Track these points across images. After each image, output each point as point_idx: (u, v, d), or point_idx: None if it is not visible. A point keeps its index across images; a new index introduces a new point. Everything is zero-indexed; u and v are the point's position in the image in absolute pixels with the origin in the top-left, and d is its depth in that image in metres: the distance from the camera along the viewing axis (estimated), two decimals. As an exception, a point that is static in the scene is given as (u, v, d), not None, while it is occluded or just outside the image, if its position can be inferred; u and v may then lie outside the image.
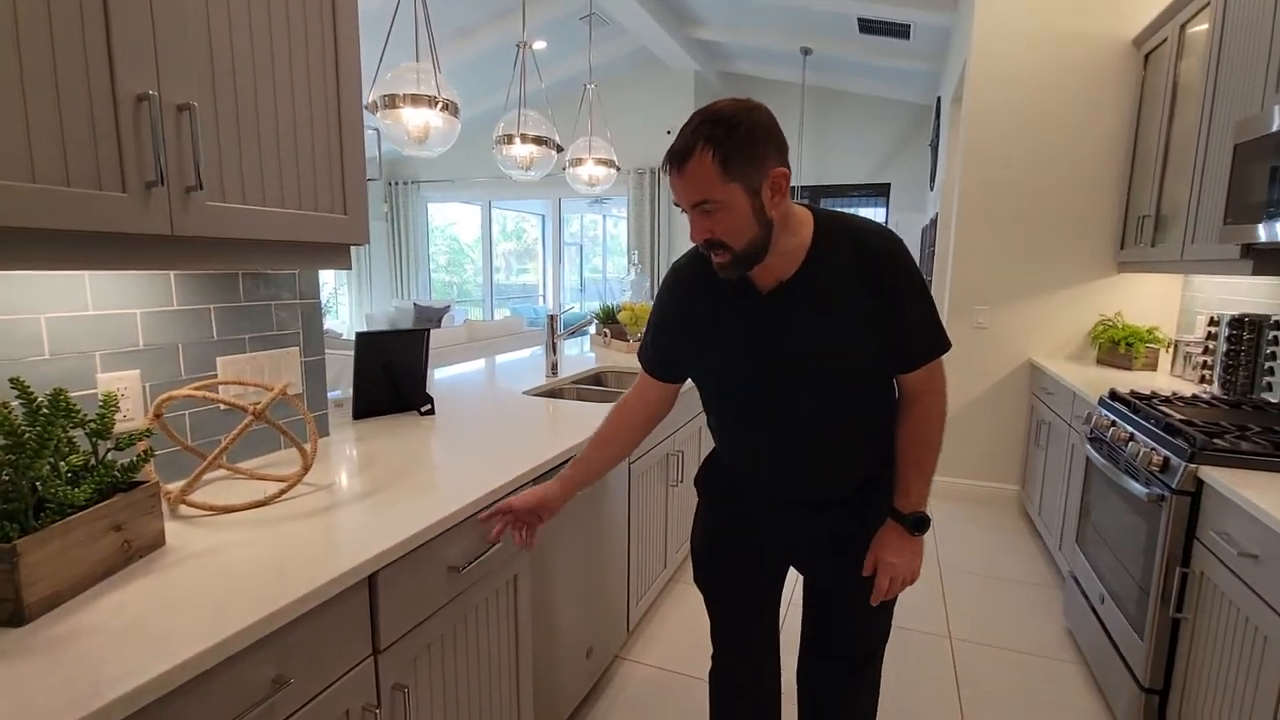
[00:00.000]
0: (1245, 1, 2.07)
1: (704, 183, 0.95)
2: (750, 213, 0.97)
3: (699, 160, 0.94)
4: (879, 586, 1.16)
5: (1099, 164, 3.17)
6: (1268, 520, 1.22)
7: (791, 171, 0.98)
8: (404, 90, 2.06)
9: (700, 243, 1.01)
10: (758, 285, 1.08)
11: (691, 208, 0.98)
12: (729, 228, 0.97)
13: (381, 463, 1.42)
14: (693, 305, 1.14)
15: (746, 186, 0.95)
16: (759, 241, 0.99)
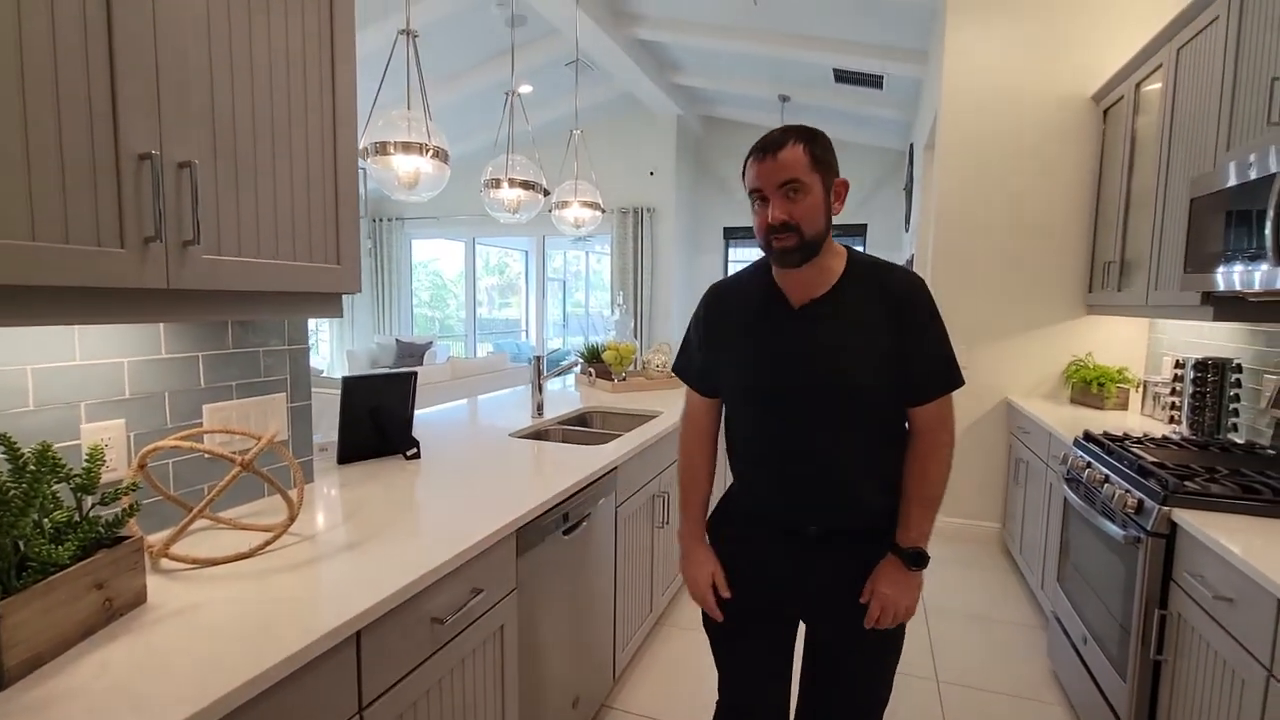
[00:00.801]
0: (1195, 65, 2.21)
1: (795, 166, 1.06)
2: (822, 205, 1.09)
3: (792, 149, 1.07)
4: (870, 614, 1.18)
5: (1066, 211, 3.30)
6: (1238, 564, 1.26)
7: (848, 184, 1.13)
8: (395, 138, 2.11)
9: (778, 223, 1.08)
10: (790, 299, 1.17)
11: (777, 188, 1.07)
12: (805, 211, 1.07)
13: (367, 510, 1.40)
14: (730, 315, 1.24)
15: (824, 181, 1.09)
16: (821, 236, 1.10)
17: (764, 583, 1.26)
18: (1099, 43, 3.19)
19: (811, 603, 1.25)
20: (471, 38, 5.13)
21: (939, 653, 2.39)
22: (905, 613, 1.19)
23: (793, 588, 1.24)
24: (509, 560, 1.38)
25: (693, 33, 5.01)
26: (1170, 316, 2.34)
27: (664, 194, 7.07)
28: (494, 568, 1.32)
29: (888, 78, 4.99)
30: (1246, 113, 1.87)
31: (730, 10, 4.52)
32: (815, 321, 1.14)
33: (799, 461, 1.18)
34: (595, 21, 4.66)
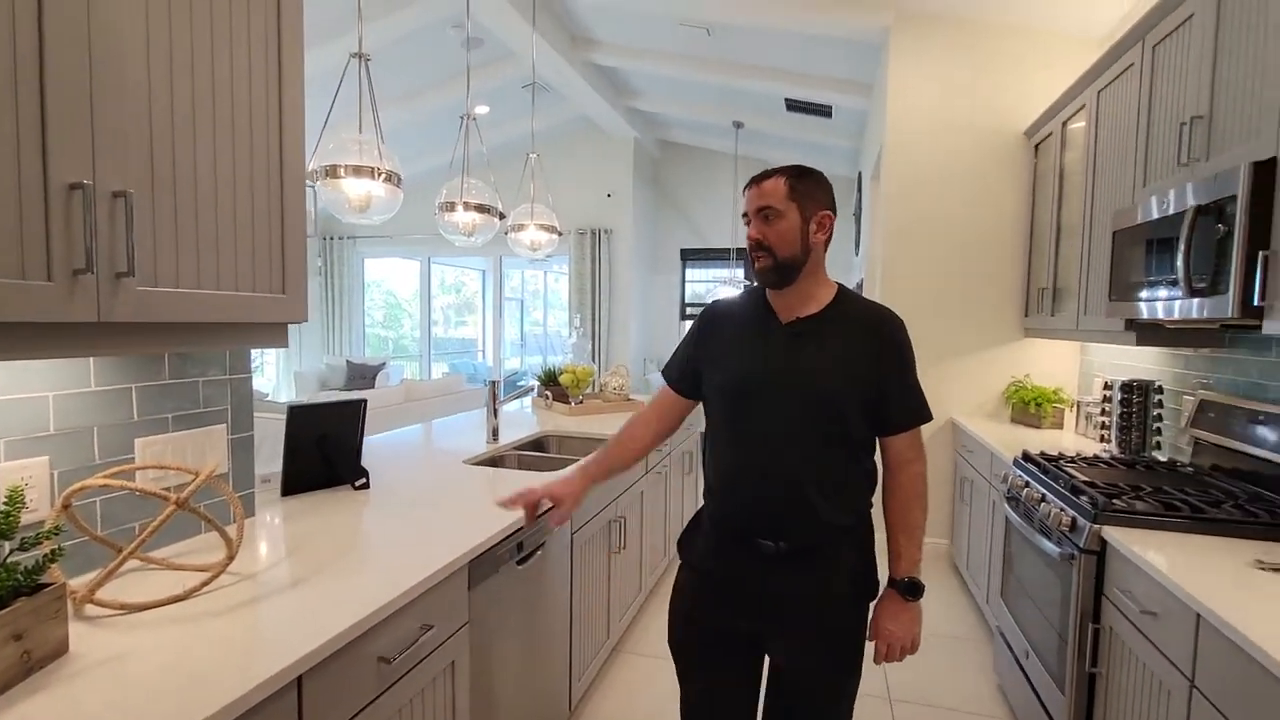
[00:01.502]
0: (1113, 107, 2.38)
1: (773, 195, 1.20)
2: (797, 232, 1.20)
3: (774, 181, 1.21)
4: (878, 652, 1.27)
5: (1003, 239, 3.47)
6: (1161, 579, 1.33)
7: (835, 214, 1.26)
8: (346, 161, 2.08)
9: (752, 242, 1.23)
10: (779, 316, 1.27)
11: (756, 212, 1.22)
12: (778, 235, 1.20)
13: (312, 545, 1.36)
14: (725, 325, 1.34)
15: (801, 212, 1.21)
16: (796, 259, 1.21)
17: (729, 600, 1.28)
18: (1029, 82, 3.39)
19: (773, 620, 1.27)
20: (428, 58, 5.12)
21: (891, 670, 2.43)
22: (912, 646, 1.26)
23: (756, 605, 1.26)
24: (460, 593, 1.36)
25: (648, 60, 5.11)
26: (1098, 340, 2.48)
27: (622, 216, 7.13)
28: (445, 602, 1.30)
29: (836, 108, 5.18)
30: (1159, 153, 2.02)
31: (685, 40, 4.63)
32: (800, 337, 1.24)
33: (770, 474, 1.22)
34: (552, 46, 4.71)
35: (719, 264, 7.65)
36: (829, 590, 1.24)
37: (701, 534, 1.36)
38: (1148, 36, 2.11)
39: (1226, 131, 1.67)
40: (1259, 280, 1.46)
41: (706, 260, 7.76)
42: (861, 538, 1.29)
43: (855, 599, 1.27)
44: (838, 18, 3.64)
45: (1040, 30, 3.34)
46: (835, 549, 1.25)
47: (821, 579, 1.24)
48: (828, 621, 1.25)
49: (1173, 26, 1.96)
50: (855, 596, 1.27)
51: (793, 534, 1.23)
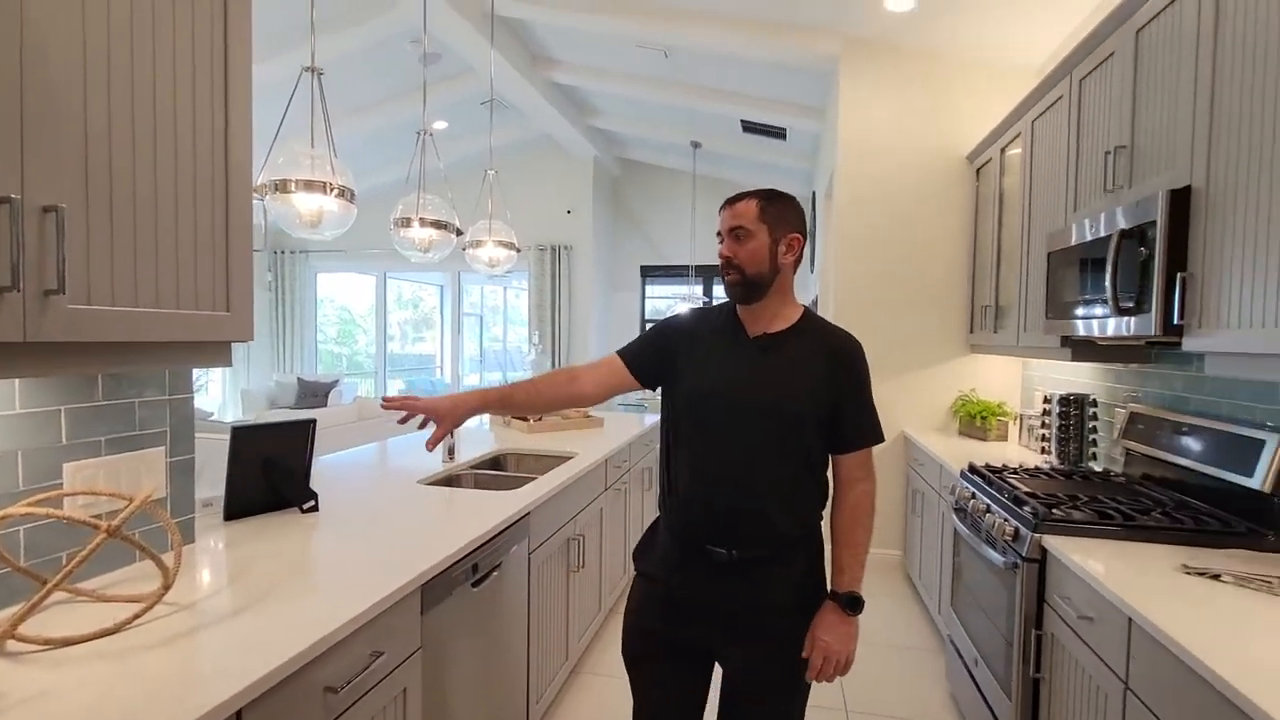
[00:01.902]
0: (1047, 136, 2.51)
1: (744, 216, 1.26)
2: (766, 252, 1.26)
3: (747, 203, 1.27)
4: (813, 664, 1.26)
5: (948, 258, 3.61)
6: (1096, 585, 1.39)
7: (805, 242, 1.31)
8: (297, 175, 2.03)
9: (723, 259, 1.28)
10: (748, 330, 1.32)
11: (729, 231, 1.27)
12: (748, 254, 1.26)
13: (256, 571, 1.31)
14: (695, 332, 1.37)
15: (771, 233, 1.26)
16: (765, 278, 1.27)
17: (682, 609, 1.30)
18: (971, 109, 3.55)
19: (723, 629, 1.29)
20: (385, 71, 5.07)
21: (847, 682, 2.47)
22: (846, 663, 1.27)
23: (708, 614, 1.28)
24: (413, 618, 1.32)
25: (608, 80, 5.17)
26: (1037, 356, 2.59)
27: (581, 232, 7.16)
28: (396, 627, 1.26)
29: (791, 130, 5.33)
30: (1088, 179, 2.14)
31: (643, 61, 4.71)
32: (765, 350, 1.29)
33: (727, 482, 1.26)
34: (511, 64, 4.72)
35: (678, 280, 7.73)
36: (778, 600, 1.27)
37: (657, 543, 1.38)
38: (1075, 71, 2.24)
39: (1146, 161, 1.79)
40: (1178, 300, 1.56)
41: (666, 277, 7.83)
42: (812, 550, 1.32)
43: (803, 610, 1.30)
44: (789, 45, 3.76)
45: (980, 61, 3.51)
46: (786, 560, 1.28)
47: (771, 589, 1.27)
48: (776, 631, 1.28)
49: (1096, 63, 2.09)
50: (803, 607, 1.30)
51: (745, 543, 1.26)
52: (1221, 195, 1.46)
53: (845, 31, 3.62)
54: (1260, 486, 1.57)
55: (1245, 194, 1.39)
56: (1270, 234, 1.31)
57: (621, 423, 3.50)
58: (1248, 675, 0.98)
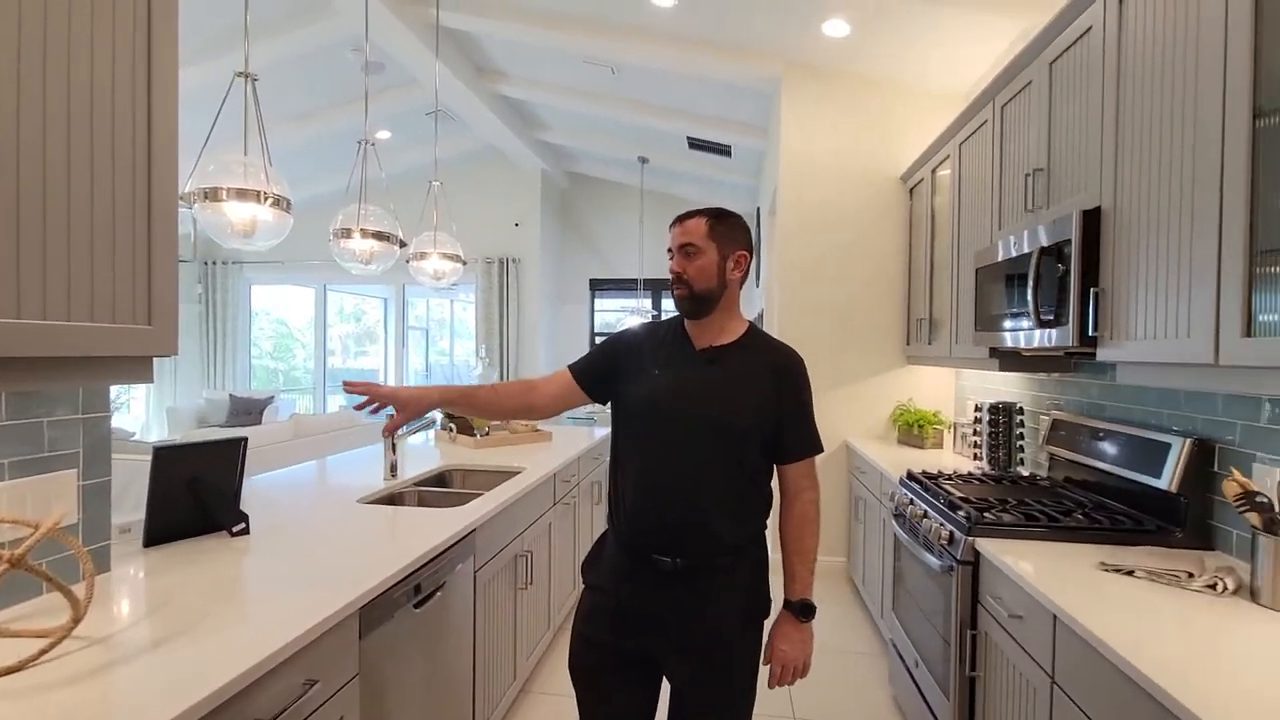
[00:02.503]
0: (973, 158, 2.65)
1: (694, 233, 1.30)
2: (714, 268, 1.30)
3: (696, 221, 1.31)
4: (773, 673, 1.33)
5: (885, 273, 3.76)
6: (1024, 584, 1.46)
7: (753, 259, 1.36)
8: (229, 183, 1.95)
9: (673, 274, 1.32)
10: (694, 345, 1.35)
11: (679, 248, 1.31)
12: (696, 270, 1.30)
13: (178, 600, 1.23)
14: (643, 345, 1.40)
15: (719, 250, 1.31)
16: (713, 293, 1.31)
17: (628, 620, 1.30)
18: (904, 131, 3.72)
19: (668, 640, 1.29)
20: (325, 79, 4.94)
21: (795, 690, 2.50)
22: (804, 667, 1.34)
23: (653, 624, 1.29)
24: (350, 643, 1.27)
25: (555, 94, 5.19)
26: (968, 367, 2.71)
27: (529, 245, 7.11)
28: (332, 653, 1.21)
29: (736, 147, 5.46)
30: (1010, 199, 2.27)
31: (591, 77, 4.74)
32: (710, 363, 1.33)
33: (673, 491, 1.28)
34: (456, 75, 4.68)
35: (627, 294, 7.76)
36: (723, 609, 1.28)
37: (605, 554, 1.39)
38: (997, 98, 2.38)
39: (1062, 183, 1.91)
40: (1092, 313, 1.66)
41: (615, 290, 7.86)
42: (756, 559, 1.35)
43: (748, 619, 1.32)
44: (733, 66, 3.86)
45: (912, 86, 3.69)
46: (730, 569, 1.30)
47: (716, 598, 1.28)
48: (723, 644, 1.29)
49: (1016, 90, 2.23)
50: (748, 616, 1.32)
51: (690, 552, 1.28)
52: (1127, 216, 1.58)
53: (786, 54, 3.74)
54: (1168, 487, 1.69)
55: (1146, 215, 1.50)
56: (1168, 252, 1.42)
57: (570, 436, 3.48)
58: (1160, 665, 1.04)
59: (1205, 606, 1.30)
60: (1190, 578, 1.41)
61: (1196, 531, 1.67)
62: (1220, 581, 1.37)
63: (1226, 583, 1.37)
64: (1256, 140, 1.20)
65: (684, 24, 3.66)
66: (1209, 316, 1.28)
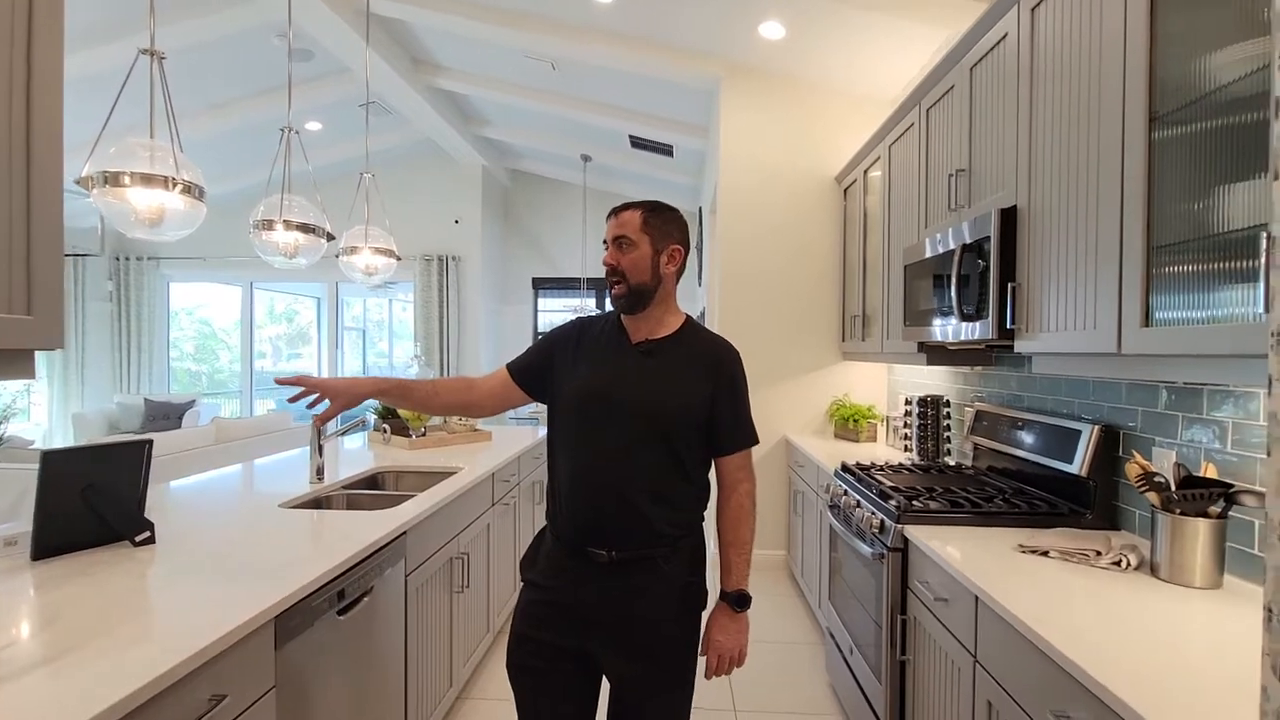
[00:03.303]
0: (902, 159, 2.75)
1: (628, 226, 1.30)
2: (648, 261, 1.30)
3: (630, 214, 1.31)
4: (709, 664, 1.34)
5: (821, 271, 3.85)
6: (948, 568, 1.51)
7: (687, 253, 1.36)
8: (133, 168, 1.82)
9: (607, 267, 1.31)
10: (631, 338, 1.35)
11: (612, 240, 1.31)
12: (631, 263, 1.29)
13: (69, 617, 1.13)
14: (580, 338, 1.40)
15: (653, 244, 1.30)
16: (648, 286, 1.31)
17: (564, 615, 1.30)
18: (839, 133, 3.83)
19: (604, 633, 1.29)
20: (248, 66, 4.70)
21: (735, 681, 2.52)
22: (740, 657, 1.35)
23: (589, 618, 1.28)
24: (265, 654, 1.20)
25: (495, 88, 5.09)
26: (900, 361, 2.81)
27: (470, 243, 6.97)
28: (243, 666, 1.14)
29: (678, 147, 5.49)
30: (936, 199, 2.36)
31: (531, 72, 4.68)
32: (647, 355, 1.33)
33: (608, 482, 1.27)
34: (391, 66, 4.54)
35: (571, 293, 7.71)
36: (658, 602, 1.28)
37: (542, 549, 1.38)
38: (923, 101, 2.47)
39: (982, 183, 2.00)
40: (1009, 307, 1.74)
41: (559, 289, 7.79)
42: (692, 551, 1.35)
43: (684, 611, 1.32)
44: (673, 65, 3.88)
45: (845, 89, 3.79)
46: (665, 560, 1.30)
47: (651, 591, 1.28)
48: (658, 634, 1.29)
49: (940, 95, 2.31)
50: (684, 609, 1.32)
51: (624, 543, 1.27)
52: (1039, 214, 1.66)
53: (725, 56, 3.79)
54: (1079, 471, 1.78)
55: (1056, 213, 1.58)
56: (1077, 248, 1.50)
57: (511, 436, 3.41)
58: (1070, 639, 1.10)
59: (1111, 582, 1.37)
60: (1098, 556, 1.49)
61: (1104, 512, 1.77)
62: (1124, 558, 1.45)
63: (1130, 559, 1.45)
64: (1152, 146, 1.28)
65: (624, 22, 3.66)
66: (1112, 309, 1.36)
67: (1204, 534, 1.34)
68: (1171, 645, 1.08)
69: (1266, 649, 0.61)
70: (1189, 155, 1.23)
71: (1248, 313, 1.07)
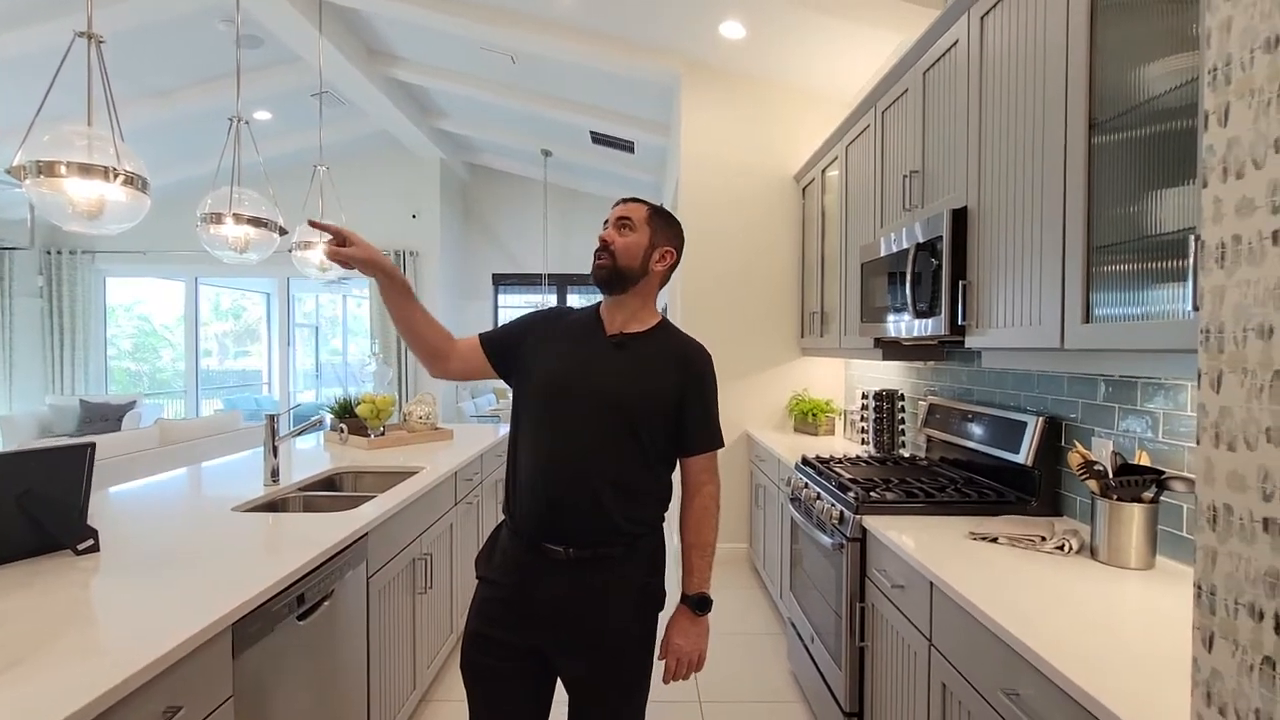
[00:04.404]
0: (859, 159, 2.81)
1: (634, 212, 1.35)
2: (642, 250, 1.34)
3: (638, 205, 1.37)
4: (667, 668, 1.34)
5: (781, 268, 3.92)
6: (904, 555, 1.57)
7: (677, 261, 1.40)
8: (69, 158, 1.72)
9: (601, 242, 1.34)
10: (605, 329, 1.36)
11: (616, 219, 1.35)
12: (625, 245, 1.33)
13: (11, 629, 1.08)
14: (557, 324, 1.41)
15: (650, 237, 1.35)
16: (633, 272, 1.33)
17: (518, 612, 1.28)
18: (797, 133, 3.89)
19: (559, 632, 1.27)
20: (191, 51, 4.50)
21: (699, 674, 2.56)
22: (700, 661, 1.34)
23: (543, 616, 1.27)
24: (222, 663, 1.17)
25: (453, 80, 5.00)
26: (857, 357, 2.88)
27: (429, 238, 6.84)
28: (199, 676, 1.10)
29: (639, 144, 5.50)
30: (891, 199, 2.43)
31: (490, 65, 4.61)
32: (621, 347, 1.34)
33: (569, 475, 1.26)
34: (345, 56, 4.41)
35: (532, 289, 7.65)
36: (615, 603, 1.28)
37: (499, 545, 1.37)
38: (878, 104, 2.54)
39: (935, 184, 2.07)
40: (961, 304, 1.81)
41: (520, 285, 7.72)
42: (651, 552, 1.35)
43: (641, 611, 1.32)
44: (634, 62, 3.88)
45: (804, 89, 3.86)
46: (624, 557, 1.29)
47: (608, 591, 1.27)
48: (613, 635, 1.28)
49: (894, 98, 2.38)
50: (641, 609, 1.32)
51: (583, 539, 1.26)
52: (988, 215, 1.73)
53: (686, 53, 3.81)
54: (1024, 461, 1.87)
55: (1004, 214, 1.65)
56: (1022, 249, 1.56)
57: (473, 434, 3.38)
58: (1019, 621, 1.15)
59: (1054, 566, 1.45)
60: (1043, 541, 1.57)
61: (1048, 500, 1.86)
62: (1067, 543, 1.53)
63: (1072, 544, 1.53)
64: (1092, 151, 1.35)
65: (585, 17, 3.64)
66: (1056, 306, 1.43)
67: (1138, 518, 1.43)
68: (1111, 624, 1.15)
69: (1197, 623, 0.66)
70: (1126, 161, 1.30)
71: (1178, 309, 1.14)
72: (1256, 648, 0.58)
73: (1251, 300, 0.57)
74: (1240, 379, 0.58)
